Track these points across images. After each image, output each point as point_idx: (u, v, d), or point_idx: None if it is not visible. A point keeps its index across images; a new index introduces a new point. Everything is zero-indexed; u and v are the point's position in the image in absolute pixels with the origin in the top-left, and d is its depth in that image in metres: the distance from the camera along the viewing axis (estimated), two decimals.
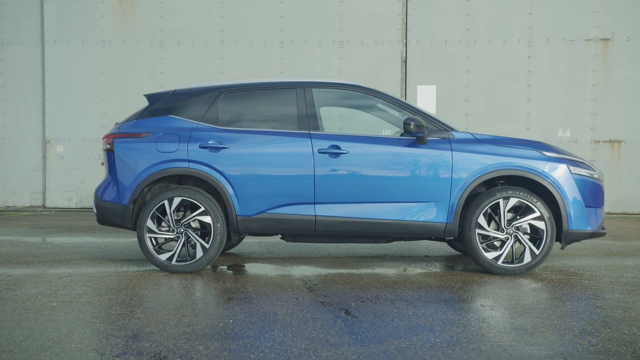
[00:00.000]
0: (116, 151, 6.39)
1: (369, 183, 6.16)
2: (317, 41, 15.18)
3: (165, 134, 6.37)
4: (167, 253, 6.29)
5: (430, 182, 6.10)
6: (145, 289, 5.44)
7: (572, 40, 15.05)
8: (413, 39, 15.13)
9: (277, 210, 6.23)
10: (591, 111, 14.83)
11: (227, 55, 15.08)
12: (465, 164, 6.08)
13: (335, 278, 5.96)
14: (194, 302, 4.92)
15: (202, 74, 14.75)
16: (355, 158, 6.17)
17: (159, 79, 14.89)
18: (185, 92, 6.63)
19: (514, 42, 15.00)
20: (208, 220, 6.24)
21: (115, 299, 5.02)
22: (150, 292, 5.30)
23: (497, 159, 6.07)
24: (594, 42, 15.05)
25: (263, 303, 4.85)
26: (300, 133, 6.28)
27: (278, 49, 15.17)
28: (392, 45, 15.20)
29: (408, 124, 5.98)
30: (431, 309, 4.66)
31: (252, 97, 6.59)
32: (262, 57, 15.15)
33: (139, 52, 15.08)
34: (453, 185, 6.07)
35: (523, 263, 6.03)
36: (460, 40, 15.10)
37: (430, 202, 6.11)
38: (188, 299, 5.06)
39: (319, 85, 6.52)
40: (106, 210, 6.43)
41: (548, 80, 14.91)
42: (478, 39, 15.05)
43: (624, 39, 14.93)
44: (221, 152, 6.27)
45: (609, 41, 15.04)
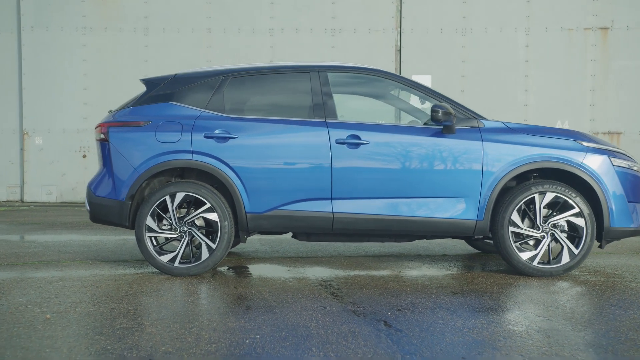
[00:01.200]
0: (111, 141, 5.76)
1: (392, 177, 5.61)
2: (309, 29, 14.59)
3: (166, 122, 5.76)
4: (169, 254, 5.69)
5: (460, 176, 5.56)
6: (149, 296, 4.84)
7: (571, 29, 14.62)
8: (408, 28, 14.61)
9: (290, 206, 5.65)
10: (590, 102, 14.42)
11: (215, 44, 14.43)
12: (498, 155, 5.55)
13: (357, 281, 5.41)
14: (208, 313, 4.33)
15: (188, 63, 14.06)
16: (376, 149, 5.61)
17: (143, 68, 14.18)
18: (187, 77, 6.01)
19: (512, 30, 14.55)
20: (214, 217, 5.64)
21: (117, 309, 4.42)
22: (156, 300, 4.71)
23: (532, 150, 5.55)
24: (593, 31, 14.64)
25: (287, 313, 4.29)
26: (315, 122, 5.71)
27: (268, 37, 14.55)
28: (386, 33, 14.66)
29: (436, 111, 5.44)
30: (480, 319, 4.13)
31: (261, 82, 6.00)
32: (251, 46, 14.51)
33: (121, 39, 14.37)
34: (484, 178, 5.54)
35: (561, 264, 5.52)
36: (456, 29, 14.60)
37: (459, 198, 5.57)
38: (200, 308, 4.48)
39: (334, 69, 5.94)
40: (101, 207, 5.81)
41: (546, 70, 14.47)
42: (475, 28, 14.57)
43: (624, 27, 14.54)
44: (229, 142, 5.67)
45: (609, 30, 14.64)
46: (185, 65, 14.02)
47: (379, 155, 5.60)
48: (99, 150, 5.93)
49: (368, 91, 6.28)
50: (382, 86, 6.12)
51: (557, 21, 14.54)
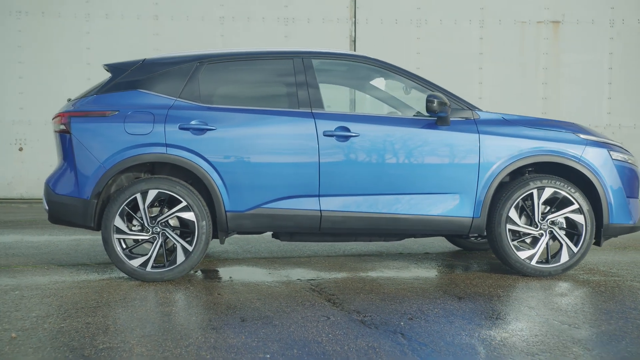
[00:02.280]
0: (74, 133, 5.17)
1: (384, 172, 5.22)
2: (261, 18, 14.06)
3: (135, 112, 5.21)
4: (139, 258, 5.15)
5: (455, 171, 5.22)
6: (125, 307, 4.31)
7: (524, 22, 14.57)
8: (362, 18, 14.27)
9: (274, 204, 5.20)
10: (542, 95, 14.42)
11: (162, 31, 13.73)
12: (495, 148, 5.23)
13: (348, 285, 5.01)
14: (200, 327, 3.85)
15: (134, 51, 13.27)
16: (367, 142, 5.21)
17: (85, 56, 13.39)
18: (157, 62, 5.46)
19: (466, 22, 14.39)
20: (191, 217, 5.13)
21: (93, 324, 3.89)
22: (135, 312, 4.18)
23: (530, 143, 5.25)
24: (545, 24, 14.63)
25: (289, 325, 3.84)
26: (301, 112, 5.26)
27: (218, 25, 13.96)
28: (340, 23, 14.28)
29: (431, 101, 5.07)
30: (502, 328, 3.80)
31: (240, 69, 5.51)
32: (200, 34, 13.88)
33: (61, 25, 13.51)
34: (481, 173, 5.22)
35: (560, 263, 5.25)
36: (411, 20, 14.35)
37: (454, 194, 5.23)
38: (189, 320, 3.99)
39: (320, 55, 5.50)
40: (62, 207, 5.21)
41: (500, 63, 14.38)
42: (429, 19, 14.35)
43: (574, 21, 14.58)
44: (206, 134, 5.16)
45: (560, 24, 14.66)
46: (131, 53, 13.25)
47: (370, 149, 5.21)
48: (58, 143, 5.32)
49: (355, 78, 5.87)
50: (370, 73, 5.71)
51: (510, 14, 14.46)
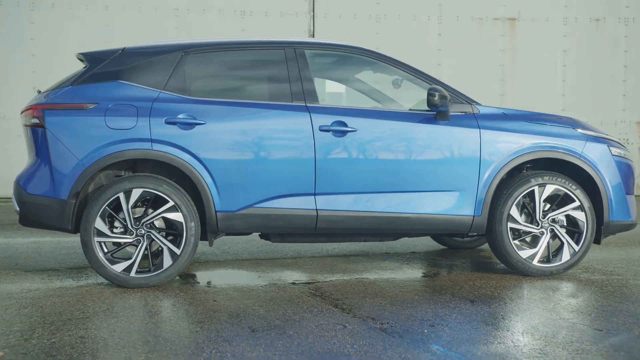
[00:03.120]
0: (49, 127, 4.74)
1: (383, 169, 4.97)
2: (217, 10, 13.65)
3: (117, 105, 4.81)
4: (122, 262, 4.76)
5: (456, 167, 5.02)
6: (117, 318, 3.93)
7: (481, 18, 14.59)
8: (321, 12, 14.03)
9: (267, 203, 4.89)
10: (499, 92, 14.47)
11: (113, 23, 13.14)
12: (496, 144, 5.05)
13: (349, 288, 4.74)
14: (210, 339, 3.51)
15: (83, 43, 12.68)
16: (365, 137, 4.95)
17: (29, 47, 12.71)
18: (139, 52, 5.07)
19: (425, 18, 14.31)
20: (179, 218, 4.77)
21: (88, 338, 3.51)
22: (129, 323, 3.81)
23: (532, 138, 5.09)
24: (501, 21, 14.68)
25: (306, 335, 3.55)
26: (295, 106, 4.96)
27: (172, 17, 13.47)
28: (298, 17, 14.00)
29: (432, 95, 4.85)
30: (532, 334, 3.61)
31: (228, 60, 5.17)
32: (154, 26, 13.35)
33: (2, 14, 12.78)
34: (482, 170, 5.03)
35: (561, 262, 5.11)
36: (370, 15, 14.18)
37: (455, 192, 5.03)
38: (196, 332, 3.64)
39: (312, 46, 5.22)
40: (35, 208, 4.77)
41: (458, 59, 14.36)
42: (388, 14, 14.20)
43: (530, 18, 14.67)
44: (195, 129, 4.81)
45: (516, 21, 14.74)
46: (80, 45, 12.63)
47: (369, 145, 4.95)
48: (29, 138, 4.87)
49: (349, 70, 5.60)
50: (364, 65, 5.45)
51: (468, 10, 14.45)
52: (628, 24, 14.95)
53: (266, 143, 4.86)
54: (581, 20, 14.89)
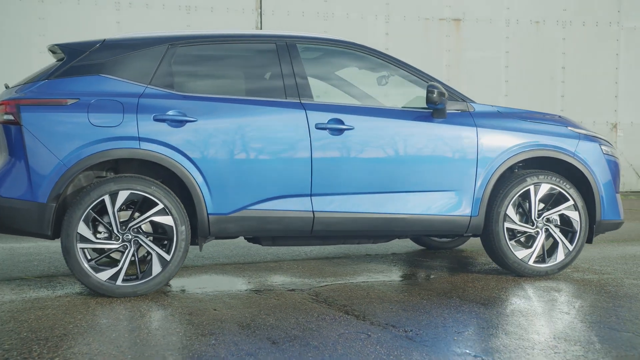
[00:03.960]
0: (25, 125, 4.34)
1: (381, 168, 4.81)
2: (161, 5, 13.21)
3: (100, 100, 4.46)
4: (107, 270, 4.41)
5: (454, 166, 4.91)
6: (117, 331, 3.61)
7: (427, 18, 14.68)
8: (269, 9, 13.79)
9: (262, 205, 4.64)
10: None
11: (49, 15, 12.51)
12: (493, 143, 4.97)
13: (349, 293, 4.55)
14: (234, 354, 3.25)
15: (15, 37, 12.08)
16: (363, 136, 4.78)
17: None
18: (121, 44, 4.73)
19: (372, 17, 14.29)
20: (168, 221, 4.47)
21: (96, 354, 3.18)
22: (135, 338, 3.50)
23: (527, 137, 5.03)
24: (447, 22, 14.81)
25: (332, 345, 3.34)
26: (289, 102, 4.73)
27: (113, 10, 12.94)
28: (245, 14, 13.71)
29: (432, 92, 4.72)
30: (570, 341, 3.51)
31: (217, 54, 4.89)
32: (93, 20, 12.78)
33: None
34: (479, 169, 4.93)
35: (556, 262, 5.07)
36: (318, 13, 14.04)
37: (452, 191, 4.91)
38: (214, 346, 3.37)
39: (304, 40, 5.00)
40: (10, 212, 4.36)
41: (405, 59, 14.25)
42: (336, 13, 14.10)
43: (474, 20, 14.86)
44: (186, 126, 4.51)
45: (461, 21, 14.90)
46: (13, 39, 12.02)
47: (366, 143, 4.78)
48: (2, 136, 4.46)
49: (342, 66, 5.40)
50: (357, 61, 5.26)
51: (415, 10, 14.51)
52: (565, 27, 15.33)
53: (261, 141, 4.62)
54: (522, 22, 15.18)
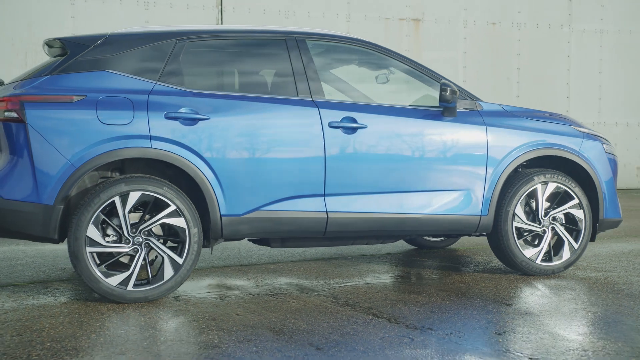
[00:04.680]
0: (30, 122, 4.09)
1: (394, 167, 4.75)
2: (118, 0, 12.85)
3: (108, 97, 4.25)
4: (118, 275, 4.21)
5: (465, 166, 4.88)
6: (148, 340, 3.43)
7: (388, 18, 14.75)
8: (229, 6, 13.60)
9: (275, 206, 4.51)
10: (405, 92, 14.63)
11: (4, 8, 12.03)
12: (501, 142, 4.96)
13: (368, 294, 4.47)
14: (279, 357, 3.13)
15: None
16: (375, 134, 4.70)
17: None
18: (126, 38, 4.52)
19: (333, 16, 14.26)
20: (181, 223, 4.29)
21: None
22: (168, 349, 3.34)
23: (535, 135, 5.05)
24: (407, 22, 14.91)
25: (380, 350, 3.26)
26: (302, 100, 4.62)
27: (68, 5, 12.54)
28: (206, 10, 13.48)
29: (445, 90, 4.69)
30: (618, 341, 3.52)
31: (227, 50, 4.74)
32: (48, 15, 12.36)
33: None
34: (488, 169, 4.92)
35: (562, 260, 5.10)
36: (279, 11, 13.92)
37: (463, 191, 4.89)
38: (257, 353, 3.23)
39: (314, 36, 4.89)
40: (13, 215, 4.10)
41: None
42: (298, 11, 14.02)
43: (433, 20, 15.00)
44: (198, 125, 4.34)
45: (420, 22, 15.02)
46: None
47: (379, 142, 4.71)
48: (2, 134, 4.19)
49: (351, 63, 5.31)
50: (367, 58, 5.19)
51: (375, 9, 14.56)
52: (520, 29, 15.63)
53: (275, 140, 4.49)
54: (479, 23, 15.40)
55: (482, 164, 4.90)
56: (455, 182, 4.86)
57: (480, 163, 4.89)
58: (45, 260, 5.74)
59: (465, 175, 4.87)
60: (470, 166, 4.88)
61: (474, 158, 4.88)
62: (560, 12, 15.83)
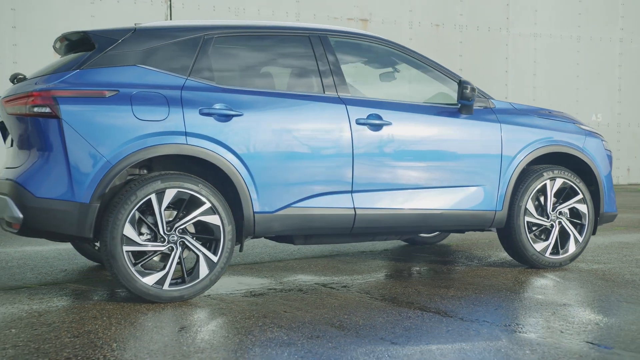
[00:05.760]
0: (65, 118, 3.94)
1: (418, 164, 4.84)
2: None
3: (141, 92, 4.14)
4: (154, 274, 4.11)
5: (482, 162, 5.03)
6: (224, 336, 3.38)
7: (336, 17, 14.88)
8: (179, 2, 13.44)
9: (305, 203, 4.51)
10: None
11: None
12: (513, 139, 5.13)
13: (398, 289, 4.54)
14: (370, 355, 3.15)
15: None
16: (400, 131, 4.78)
17: None
18: (154, 32, 4.41)
19: (283, 14, 14.27)
20: (216, 221, 4.23)
21: None
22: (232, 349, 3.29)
23: (543, 133, 5.25)
24: (355, 21, 15.08)
25: (456, 345, 3.33)
26: (330, 97, 4.64)
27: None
28: (154, 5, 13.25)
29: (466, 87, 4.81)
30: None
31: (253, 45, 4.69)
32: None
33: None
34: (503, 165, 5.08)
35: (569, 253, 5.31)
36: (229, 8, 13.84)
37: (479, 187, 5.03)
38: (336, 349, 3.24)
39: (335, 33, 4.91)
40: (47, 214, 3.93)
41: None
42: (247, 8, 13.97)
43: (380, 21, 15.25)
44: (232, 121, 4.29)
45: (368, 22, 15.23)
46: None
47: (403, 139, 4.79)
48: (32, 130, 4.00)
49: (370, 61, 5.35)
50: (384, 56, 5.24)
51: (324, 9, 14.68)
52: (462, 31, 16.08)
53: (306, 137, 4.49)
54: (424, 25, 15.75)
55: (497, 161, 5.05)
56: (473, 178, 4.99)
57: (496, 159, 5.05)
58: (37, 262, 5.52)
59: (482, 171, 5.01)
60: (487, 162, 5.02)
61: (490, 155, 5.02)
62: (499, 16, 16.39)
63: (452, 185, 4.93)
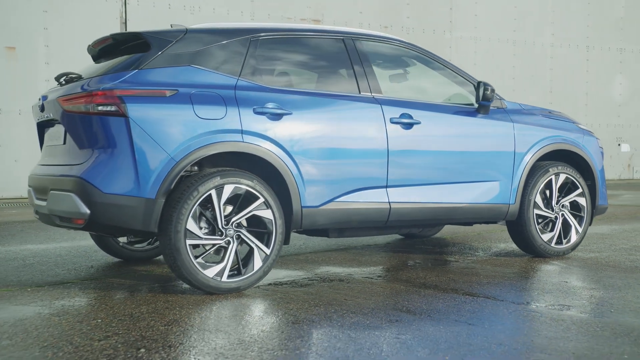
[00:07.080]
0: (132, 117, 4.03)
1: (444, 160, 5.17)
2: None
3: (200, 92, 4.28)
4: (214, 267, 4.26)
5: (498, 158, 5.41)
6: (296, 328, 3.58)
7: (290, 18, 15.08)
8: (134, 0, 13.28)
9: (345, 197, 4.76)
10: None
11: None
12: (524, 137, 5.54)
13: (430, 278, 4.82)
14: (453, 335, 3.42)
15: None
16: (429, 129, 5.09)
17: None
18: (205, 34, 4.55)
19: (238, 13, 14.38)
20: (269, 215, 4.41)
21: None
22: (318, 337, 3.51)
23: (549, 131, 5.69)
24: (308, 22, 15.31)
25: (522, 323, 3.65)
26: (366, 97, 4.90)
27: None
28: (109, 3, 13.09)
29: (487, 89, 5.19)
30: None
31: (293, 48, 4.89)
32: None
33: None
34: (516, 161, 5.48)
35: (570, 243, 5.76)
36: (184, 6, 13.83)
37: (495, 181, 5.41)
38: (419, 330, 3.49)
39: (363, 37, 5.17)
40: (114, 209, 4.01)
41: None
42: (203, 7, 14.00)
43: (332, 21, 15.54)
44: (283, 119, 4.49)
45: (320, 22, 15.48)
46: None
47: (431, 137, 5.10)
48: (98, 128, 4.07)
49: (395, 63, 5.60)
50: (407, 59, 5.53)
51: (278, 8, 14.86)
52: (409, 33, 16.58)
53: (348, 135, 4.74)
54: (373, 27, 16.13)
55: (511, 157, 5.44)
56: (490, 173, 5.36)
57: (510, 156, 5.43)
58: (55, 260, 5.53)
59: (499, 167, 5.39)
60: (502, 159, 5.41)
61: (505, 152, 5.41)
62: (443, 19, 17.01)
63: (473, 180, 5.28)
